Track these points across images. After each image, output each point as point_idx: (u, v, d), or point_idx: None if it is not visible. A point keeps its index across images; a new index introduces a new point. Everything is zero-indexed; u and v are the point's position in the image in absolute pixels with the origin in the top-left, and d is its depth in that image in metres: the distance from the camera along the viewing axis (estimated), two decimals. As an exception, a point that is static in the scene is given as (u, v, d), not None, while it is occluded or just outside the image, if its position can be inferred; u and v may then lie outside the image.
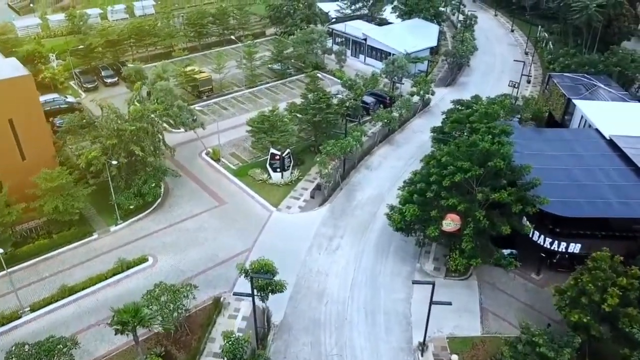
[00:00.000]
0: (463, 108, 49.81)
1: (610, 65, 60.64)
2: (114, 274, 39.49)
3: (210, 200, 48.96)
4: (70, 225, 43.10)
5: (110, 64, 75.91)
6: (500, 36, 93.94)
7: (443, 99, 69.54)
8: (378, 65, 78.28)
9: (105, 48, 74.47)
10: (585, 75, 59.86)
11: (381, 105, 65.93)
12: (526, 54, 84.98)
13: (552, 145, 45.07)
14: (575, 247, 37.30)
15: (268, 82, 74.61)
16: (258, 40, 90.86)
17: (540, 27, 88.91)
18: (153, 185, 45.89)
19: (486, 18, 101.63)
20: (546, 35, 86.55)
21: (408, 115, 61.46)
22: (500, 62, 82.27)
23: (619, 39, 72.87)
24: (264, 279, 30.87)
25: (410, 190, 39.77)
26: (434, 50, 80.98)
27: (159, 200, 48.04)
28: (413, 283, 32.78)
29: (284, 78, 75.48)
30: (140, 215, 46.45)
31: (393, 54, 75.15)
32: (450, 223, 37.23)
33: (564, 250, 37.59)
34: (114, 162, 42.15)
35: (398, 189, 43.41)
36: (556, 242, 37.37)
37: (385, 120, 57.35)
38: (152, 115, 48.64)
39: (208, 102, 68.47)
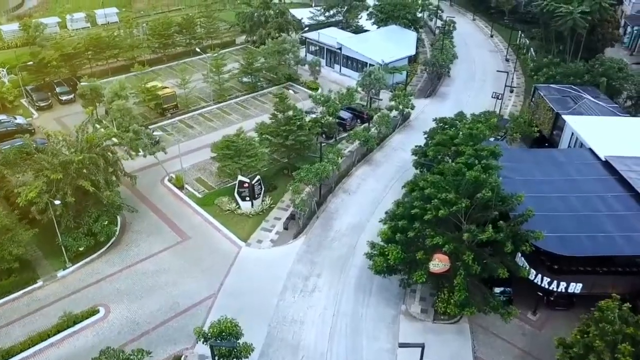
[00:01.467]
0: (446, 127, 46.02)
1: (597, 75, 57.62)
2: (59, 331, 34.53)
3: (172, 236, 44.21)
4: (10, 273, 37.96)
5: (67, 79, 70.34)
6: (479, 42, 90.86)
7: (423, 111, 65.97)
8: (354, 76, 74.39)
9: (60, 62, 68.81)
10: (572, 86, 56.74)
11: (358, 121, 62.08)
12: (507, 60, 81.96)
13: (543, 168, 41.57)
14: (576, 287, 33.73)
15: (238, 96, 69.94)
16: (228, 50, 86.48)
17: (520, 32, 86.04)
18: (106, 223, 40.93)
19: (464, 22, 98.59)
20: (527, 41, 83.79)
21: (387, 131, 57.49)
22: (481, 69, 79.07)
23: (602, 46, 70.20)
24: (226, 347, 26.45)
25: (392, 227, 35.71)
26: (412, 59, 77.39)
27: (113, 239, 43.11)
28: (400, 346, 28.77)
29: (255, 91, 70.93)
30: (93, 256, 41.45)
31: (370, 64, 71.43)
32: (439, 264, 33.36)
33: (563, 290, 33.98)
34: (57, 202, 37.07)
35: (379, 221, 39.29)
36: (555, 282, 33.73)
37: (363, 139, 53.30)
38: (108, 142, 43.78)
39: (173, 119, 63.53)
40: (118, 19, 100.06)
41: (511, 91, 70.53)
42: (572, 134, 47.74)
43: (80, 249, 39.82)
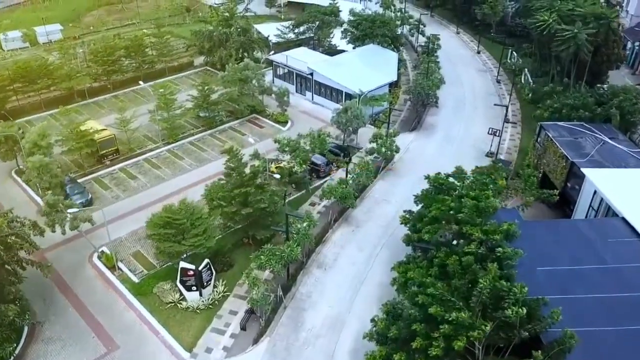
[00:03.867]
0: (443, 190, 36.80)
1: (612, 107, 49.24)
2: None
3: (96, 345, 33.98)
4: None
5: (-13, 117, 59.33)
6: (466, 59, 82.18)
7: (408, 149, 56.85)
8: (329, 105, 64.97)
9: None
10: (584, 124, 48.24)
11: (334, 165, 52.70)
12: (498, 82, 73.51)
13: (568, 249, 32.66)
14: None
15: (193, 134, 59.75)
16: (185, 73, 76.28)
17: (510, 50, 77.64)
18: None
19: (448, 36, 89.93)
20: (519, 59, 75.47)
21: (368, 180, 48.04)
22: (471, 93, 70.36)
23: (607, 68, 62.06)
24: None
25: (383, 356, 26.30)
26: (393, 83, 68.23)
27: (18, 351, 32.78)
28: None
29: (213, 127, 60.83)
30: (-17, 386, 31.18)
31: (346, 93, 62.10)
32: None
33: None
34: None
35: (364, 337, 29.65)
36: None
37: (339, 197, 43.81)
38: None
39: (112, 168, 53.07)
40: (62, 37, 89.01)
41: (507, 121, 61.86)
42: (595, 192, 39.03)
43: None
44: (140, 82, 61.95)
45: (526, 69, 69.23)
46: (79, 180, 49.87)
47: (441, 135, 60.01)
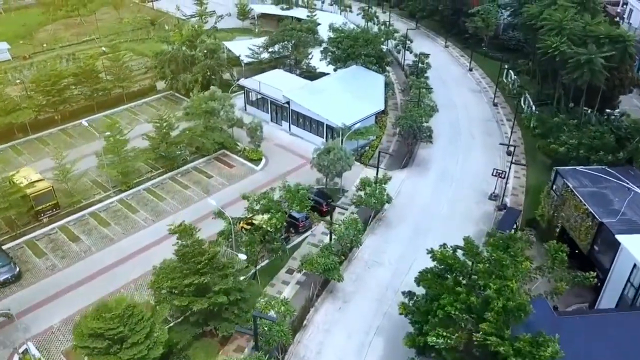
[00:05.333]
0: (451, 273, 29.28)
1: (638, 147, 42.38)
2: None
3: None
4: None
5: None
6: (458, 78, 74.98)
7: (400, 191, 49.37)
8: (309, 138, 57.35)
9: None
10: (606, 168, 41.25)
11: (314, 216, 44.94)
12: (495, 105, 66.43)
13: (617, 354, 25.37)
14: None
15: (150, 178, 51.36)
16: (146, 100, 67.64)
17: (506, 68, 70.63)
18: None
19: (437, 50, 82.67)
20: (517, 78, 68.60)
21: (356, 241, 40.18)
22: (466, 119, 63.15)
23: (619, 92, 55.38)
24: None
25: None
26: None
27: None
28: None
29: (175, 167, 52.52)
30: None
31: (327, 125, 54.45)
32: None
33: None
34: None
35: None
36: None
37: (321, 271, 35.92)
38: None
39: (50, 226, 44.48)
40: (10, 56, 79.74)
41: (509, 153, 54.79)
42: (635, 266, 31.84)
43: None
44: (82, 122, 53.45)
45: (527, 94, 62.12)
46: (5, 246, 41.31)
47: (436, 173, 52.61)
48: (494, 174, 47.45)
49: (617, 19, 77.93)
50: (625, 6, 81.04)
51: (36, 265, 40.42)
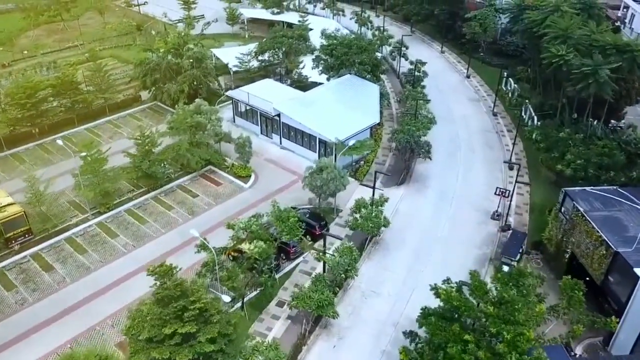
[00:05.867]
0: (456, 316, 26.48)
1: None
2: None
3: None
4: None
5: None
6: (455, 86, 72.24)
7: (397, 210, 46.60)
8: (300, 152, 54.54)
9: None
10: (618, 189, 38.63)
11: (304, 243, 41.92)
12: (494, 115, 63.74)
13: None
14: None
15: (132, 198, 48.20)
16: (130, 111, 64.47)
17: (506, 75, 67.99)
18: None
19: (432, 56, 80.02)
20: (516, 87, 65.98)
21: (351, 271, 37.18)
22: (465, 130, 60.43)
23: (625, 103, 52.86)
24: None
25: None
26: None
27: None
28: None
29: (158, 186, 49.43)
30: None
31: (319, 139, 51.63)
32: None
33: None
34: None
35: None
36: None
37: (314, 307, 32.97)
38: None
39: (22, 254, 41.27)
40: (-12, 66, 76.31)
41: (511, 168, 52.21)
42: (657, 303, 29.24)
43: None
44: (58, 140, 49.99)
45: (527, 103, 59.47)
46: (-28, 279, 38.21)
47: (435, 191, 49.81)
48: (497, 193, 44.76)
49: (618, 23, 75.54)
50: (626, 10, 78.69)
51: (4, 299, 37.22)
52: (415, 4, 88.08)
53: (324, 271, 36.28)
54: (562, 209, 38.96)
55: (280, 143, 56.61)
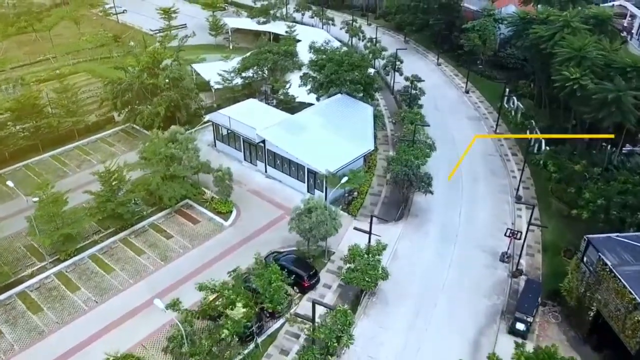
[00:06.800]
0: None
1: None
2: None
3: None
4: None
5: None
6: (453, 102, 67.35)
7: (395, 253, 41.71)
8: (288, 182, 49.54)
9: None
10: (647, 235, 33.96)
11: (295, 290, 37.06)
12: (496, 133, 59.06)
13: None
14: None
15: (98, 241, 42.80)
16: (101, 135, 59.00)
17: (509, 92, 63.23)
18: None
19: (428, 69, 75.28)
20: (520, 105, 61.29)
21: (346, 340, 32.07)
22: (467, 155, 55.46)
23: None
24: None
25: None
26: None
27: None
28: None
29: (127, 227, 44.04)
30: None
31: (308, 169, 46.63)
32: None
33: None
34: None
35: None
36: None
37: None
38: None
39: (-34, 315, 35.94)
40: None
41: (519, 198, 47.54)
42: None
43: None
44: (8, 182, 44.56)
45: (534, 124, 54.79)
46: None
47: (436, 227, 44.89)
48: (508, 234, 39.96)
49: (624, 33, 71.27)
50: (632, 19, 74.40)
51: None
52: (409, 12, 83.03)
53: (313, 344, 31.13)
54: (585, 258, 34.19)
55: (266, 171, 51.50)
